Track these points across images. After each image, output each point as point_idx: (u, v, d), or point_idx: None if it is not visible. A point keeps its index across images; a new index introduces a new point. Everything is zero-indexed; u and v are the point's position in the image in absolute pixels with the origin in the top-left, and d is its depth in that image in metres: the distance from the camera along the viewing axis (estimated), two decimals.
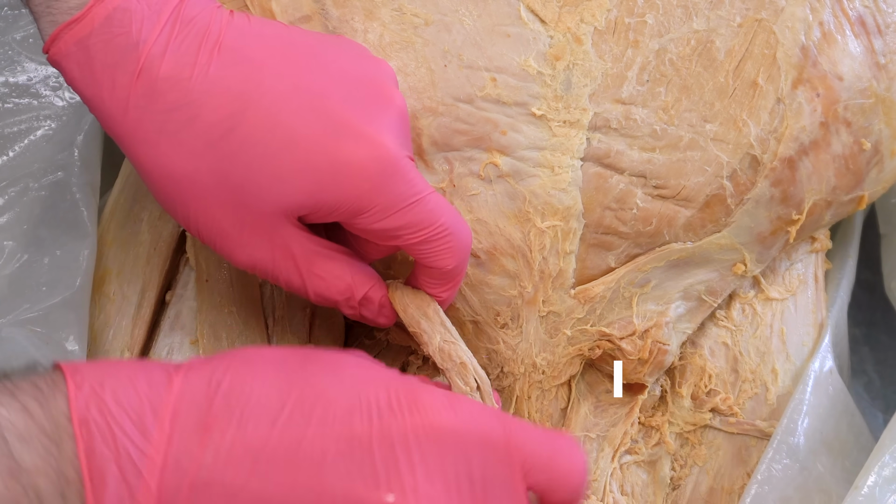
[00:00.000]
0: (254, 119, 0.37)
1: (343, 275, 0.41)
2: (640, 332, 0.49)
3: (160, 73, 0.37)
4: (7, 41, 0.52)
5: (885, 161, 0.52)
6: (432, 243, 0.40)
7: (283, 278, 0.40)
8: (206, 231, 0.39)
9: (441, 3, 0.46)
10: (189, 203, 0.38)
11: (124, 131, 0.38)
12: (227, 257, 0.40)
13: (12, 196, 0.49)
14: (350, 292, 0.41)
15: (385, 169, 0.38)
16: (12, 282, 0.47)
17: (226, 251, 0.40)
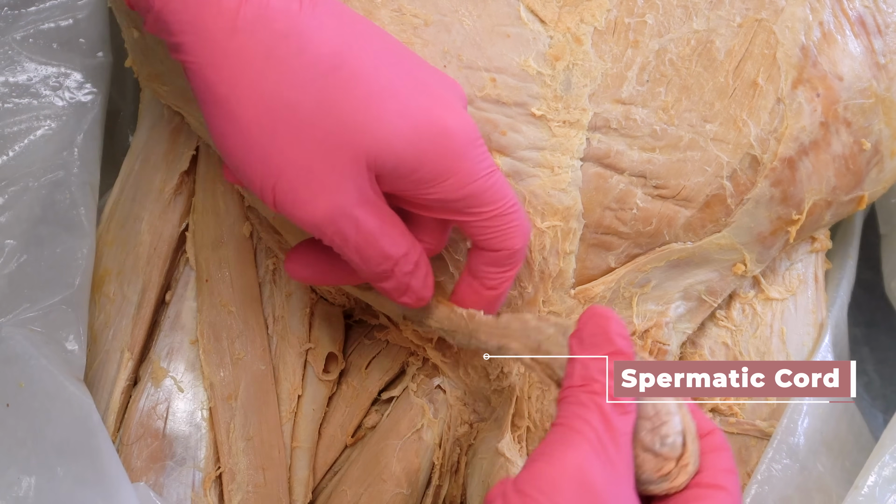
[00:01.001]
0: (359, 61, 0.37)
1: (407, 233, 0.40)
2: (641, 332, 0.49)
3: (270, 0, 0.37)
4: (7, 41, 0.52)
5: (885, 161, 0.52)
6: (503, 219, 0.40)
7: (352, 230, 0.39)
8: (290, 171, 0.37)
9: (441, 3, 0.46)
10: (281, 137, 0.37)
11: (229, 55, 0.36)
12: (302, 206, 0.38)
13: (12, 195, 0.49)
14: (412, 250, 0.40)
15: (472, 139, 0.39)
16: (12, 281, 0.47)
17: (305, 196, 0.38)
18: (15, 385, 0.45)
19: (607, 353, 0.35)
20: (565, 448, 0.32)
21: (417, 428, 0.49)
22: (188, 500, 0.47)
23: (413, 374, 0.51)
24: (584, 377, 0.34)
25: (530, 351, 0.40)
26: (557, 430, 0.33)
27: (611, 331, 0.35)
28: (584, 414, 0.33)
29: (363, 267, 0.40)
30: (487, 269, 0.42)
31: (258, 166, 0.37)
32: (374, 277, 0.41)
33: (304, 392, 0.50)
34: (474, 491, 0.47)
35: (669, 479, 0.35)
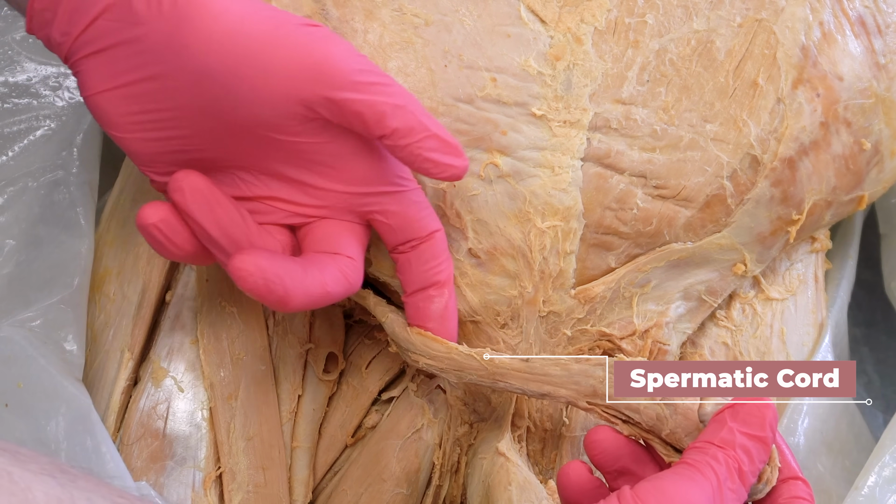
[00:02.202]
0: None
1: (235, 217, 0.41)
2: (641, 332, 0.49)
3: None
4: (7, 41, 0.52)
5: (885, 161, 0.52)
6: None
7: None
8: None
9: (441, 3, 0.46)
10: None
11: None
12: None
13: (11, 195, 0.49)
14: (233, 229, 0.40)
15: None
16: (11, 281, 0.47)
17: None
18: (14, 385, 0.45)
19: (759, 435, 0.36)
20: (689, 482, 0.34)
21: (417, 428, 0.49)
22: (188, 500, 0.47)
23: (413, 374, 0.50)
24: (727, 441, 0.36)
25: (586, 396, 0.41)
26: (684, 467, 0.35)
27: (767, 417, 0.37)
28: (716, 467, 0.35)
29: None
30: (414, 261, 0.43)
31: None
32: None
33: (304, 392, 0.50)
34: (474, 491, 0.47)
35: (767, 483, 0.37)
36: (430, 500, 0.49)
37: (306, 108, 0.38)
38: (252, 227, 0.41)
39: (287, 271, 0.38)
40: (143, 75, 0.38)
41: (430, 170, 0.40)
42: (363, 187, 0.42)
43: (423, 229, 0.43)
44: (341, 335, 0.51)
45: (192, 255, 0.41)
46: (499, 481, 0.45)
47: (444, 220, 0.46)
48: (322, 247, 0.42)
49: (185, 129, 0.39)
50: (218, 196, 0.40)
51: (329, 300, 0.41)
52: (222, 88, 0.38)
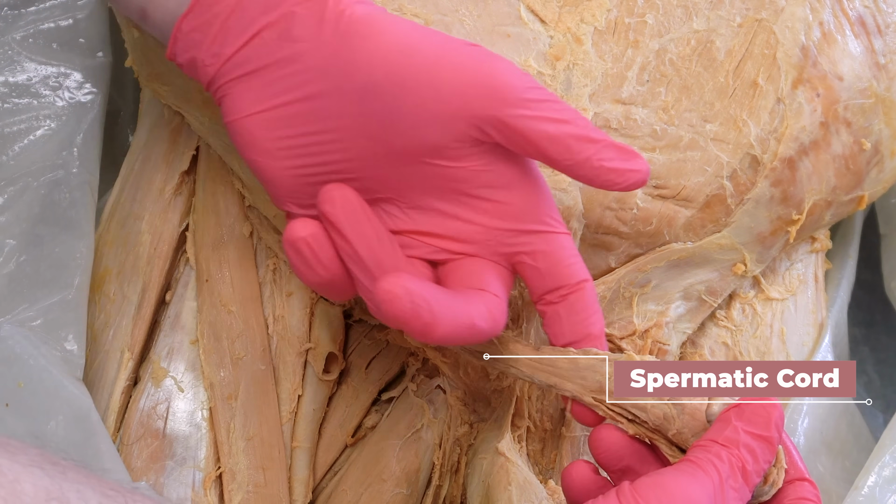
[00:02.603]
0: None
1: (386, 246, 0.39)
2: (641, 332, 0.49)
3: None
4: (7, 41, 0.52)
5: (885, 161, 0.52)
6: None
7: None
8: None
9: (441, 3, 0.46)
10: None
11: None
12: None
13: (11, 195, 0.49)
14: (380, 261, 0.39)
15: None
16: (11, 280, 0.47)
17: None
18: (14, 385, 0.45)
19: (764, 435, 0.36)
20: (690, 478, 0.34)
21: (417, 428, 0.49)
22: (188, 500, 0.47)
23: (413, 375, 0.50)
24: (731, 440, 0.36)
25: (592, 392, 0.40)
26: (686, 464, 0.35)
27: (773, 417, 0.36)
28: (718, 465, 0.35)
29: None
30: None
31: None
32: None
33: (304, 392, 0.50)
34: (474, 491, 0.47)
35: (773, 485, 0.37)
36: (430, 500, 0.49)
37: (476, 127, 0.37)
38: (399, 252, 0.39)
39: (436, 298, 0.36)
40: (301, 95, 0.37)
41: (614, 179, 0.38)
42: (515, 224, 0.40)
43: (573, 276, 0.40)
44: (341, 335, 0.51)
45: (336, 279, 0.39)
46: (499, 481, 0.45)
47: None
48: (468, 283, 0.40)
49: (338, 154, 0.38)
50: (369, 213, 0.38)
51: (474, 335, 0.38)
52: (388, 106, 0.36)
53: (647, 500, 0.33)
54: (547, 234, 0.40)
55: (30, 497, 0.27)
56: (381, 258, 0.38)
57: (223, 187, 0.52)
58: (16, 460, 0.28)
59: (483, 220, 0.40)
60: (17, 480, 0.27)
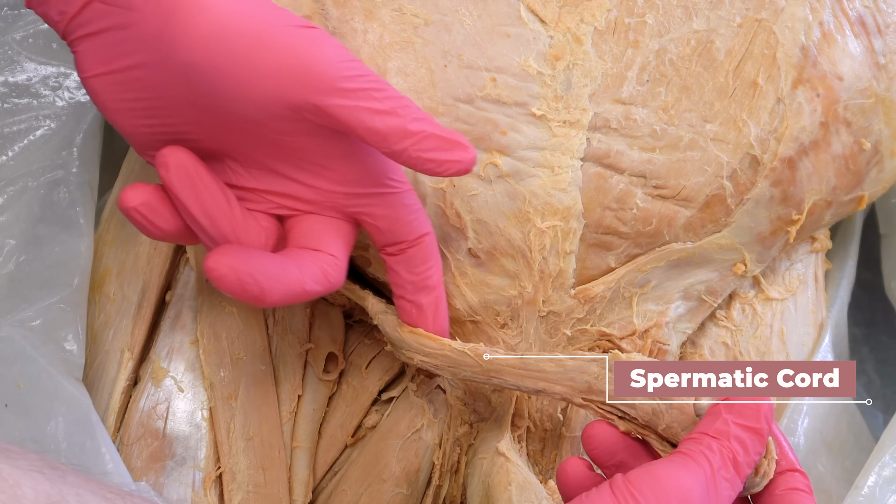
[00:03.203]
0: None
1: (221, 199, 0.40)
2: (640, 332, 0.49)
3: None
4: (7, 41, 0.52)
5: (885, 161, 0.52)
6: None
7: None
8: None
9: (441, 3, 0.46)
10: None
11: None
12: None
13: (11, 195, 0.49)
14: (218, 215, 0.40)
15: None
16: (10, 281, 0.47)
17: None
18: (14, 385, 0.45)
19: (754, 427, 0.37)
20: (682, 468, 0.35)
21: (417, 428, 0.49)
22: (188, 500, 0.47)
23: (413, 375, 0.50)
24: (721, 432, 0.36)
25: (581, 393, 0.41)
26: (679, 456, 0.35)
27: (763, 409, 0.37)
28: (710, 456, 0.35)
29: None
30: (403, 267, 0.43)
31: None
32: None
33: (304, 392, 0.50)
34: (474, 491, 0.47)
35: (764, 476, 0.37)
36: (430, 500, 0.49)
37: (293, 112, 0.38)
38: (237, 211, 0.40)
39: (262, 270, 0.38)
40: (133, 62, 0.38)
41: (434, 169, 0.40)
42: (352, 188, 0.42)
43: (411, 232, 0.43)
44: (341, 335, 0.51)
45: (176, 236, 0.41)
46: (499, 481, 0.45)
47: (443, 220, 0.46)
48: (306, 242, 0.42)
49: (174, 118, 0.39)
50: (204, 175, 0.39)
51: (307, 297, 0.40)
52: (207, 84, 0.37)
53: (641, 490, 0.34)
54: (386, 195, 0.42)
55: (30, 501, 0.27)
56: (218, 220, 0.39)
57: None
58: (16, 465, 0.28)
59: (321, 183, 0.41)
60: (18, 485, 0.28)
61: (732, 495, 0.36)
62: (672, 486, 0.34)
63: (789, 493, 0.37)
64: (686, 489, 0.34)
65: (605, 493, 0.34)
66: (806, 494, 0.37)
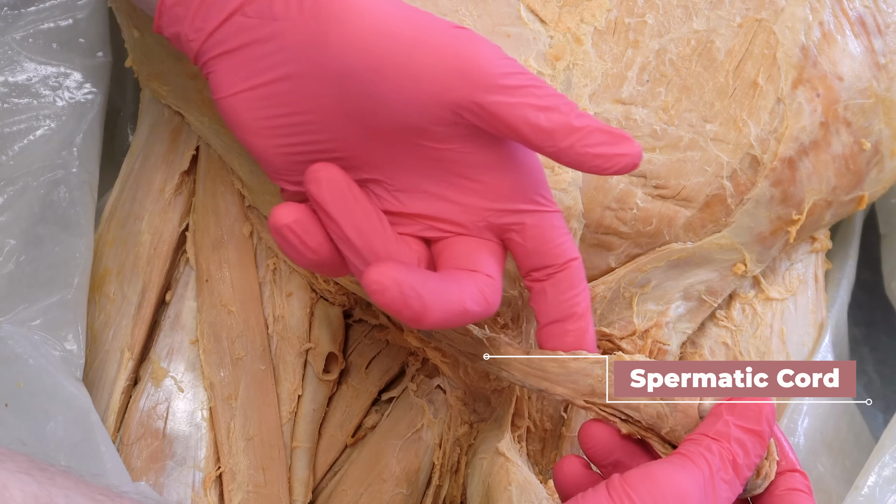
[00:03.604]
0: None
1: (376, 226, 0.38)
2: (641, 332, 0.49)
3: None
4: (7, 41, 0.51)
5: (885, 161, 0.52)
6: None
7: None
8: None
9: (441, 3, 0.46)
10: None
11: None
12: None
13: (11, 195, 0.49)
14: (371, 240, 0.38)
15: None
16: (10, 280, 0.47)
17: None
18: (14, 385, 0.45)
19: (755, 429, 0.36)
20: (680, 469, 0.34)
21: (417, 428, 0.49)
22: (188, 500, 0.47)
23: (413, 375, 0.50)
24: (722, 434, 0.36)
25: (583, 395, 0.40)
26: (677, 457, 0.35)
27: (764, 411, 0.36)
28: (709, 458, 0.35)
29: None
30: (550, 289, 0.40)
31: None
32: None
33: (304, 392, 0.50)
34: (474, 491, 0.47)
35: (765, 477, 0.37)
36: (430, 500, 0.49)
37: (454, 112, 0.36)
38: (389, 231, 0.38)
39: (425, 285, 0.35)
40: (279, 75, 0.36)
41: (601, 165, 0.37)
42: (503, 203, 0.39)
43: (560, 255, 0.40)
44: (341, 335, 0.51)
45: (327, 262, 0.38)
46: (499, 481, 0.45)
47: None
48: (459, 263, 0.39)
49: (322, 134, 0.38)
50: (356, 192, 0.37)
51: (467, 319, 0.38)
52: (366, 90, 0.36)
53: (637, 491, 0.33)
54: (535, 213, 0.40)
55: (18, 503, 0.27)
56: (371, 239, 0.37)
57: (223, 187, 0.52)
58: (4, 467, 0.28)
59: (471, 200, 0.40)
60: (6, 487, 0.27)
61: (731, 497, 0.35)
62: (669, 487, 0.33)
63: (789, 493, 0.37)
64: (683, 491, 0.33)
65: (602, 494, 0.34)
66: (806, 495, 0.37)
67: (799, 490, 0.37)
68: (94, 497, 0.30)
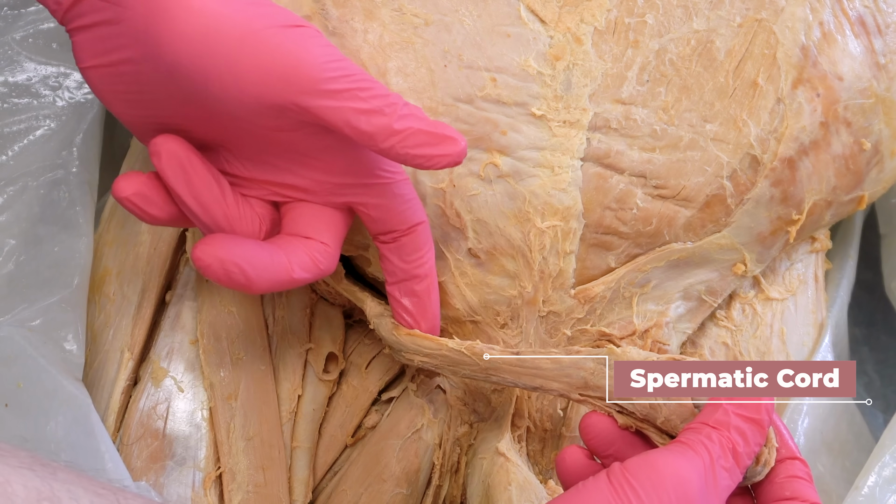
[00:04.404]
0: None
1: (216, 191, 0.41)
2: (641, 332, 0.49)
3: None
4: (7, 41, 0.52)
5: (885, 161, 0.52)
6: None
7: None
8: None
9: (441, 3, 0.46)
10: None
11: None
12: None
13: (11, 195, 0.49)
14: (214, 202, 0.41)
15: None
16: (10, 280, 0.47)
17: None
18: (14, 385, 0.45)
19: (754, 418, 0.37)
20: (680, 457, 0.35)
21: (417, 428, 0.49)
22: (188, 500, 0.47)
23: (413, 375, 0.50)
24: (721, 422, 0.36)
25: (577, 389, 0.41)
26: (677, 445, 0.35)
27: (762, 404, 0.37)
28: (709, 445, 0.35)
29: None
30: (395, 255, 0.44)
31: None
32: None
33: (304, 392, 0.50)
34: (474, 491, 0.47)
35: (765, 465, 0.37)
36: (430, 500, 0.49)
37: (279, 112, 0.38)
38: (230, 199, 0.41)
39: (249, 259, 0.39)
40: (123, 57, 0.38)
41: (423, 164, 0.40)
42: (343, 178, 0.42)
43: (404, 221, 0.43)
44: (341, 335, 0.51)
45: (172, 222, 0.42)
46: (499, 481, 0.45)
47: (443, 220, 0.46)
48: (297, 229, 0.42)
49: (165, 111, 0.40)
50: (195, 163, 0.40)
51: (295, 285, 0.41)
52: (195, 86, 0.38)
53: (638, 479, 0.34)
54: (377, 185, 0.42)
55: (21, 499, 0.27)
56: (211, 208, 0.40)
57: None
58: (6, 462, 0.28)
59: (312, 174, 0.42)
60: (8, 482, 0.28)
61: (731, 485, 0.36)
62: (669, 474, 0.34)
63: (789, 480, 0.37)
64: (683, 478, 0.34)
65: (602, 482, 0.34)
66: (806, 482, 0.37)
67: (799, 477, 0.37)
68: (96, 491, 0.30)
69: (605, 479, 0.34)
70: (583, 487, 0.34)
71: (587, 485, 0.34)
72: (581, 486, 0.34)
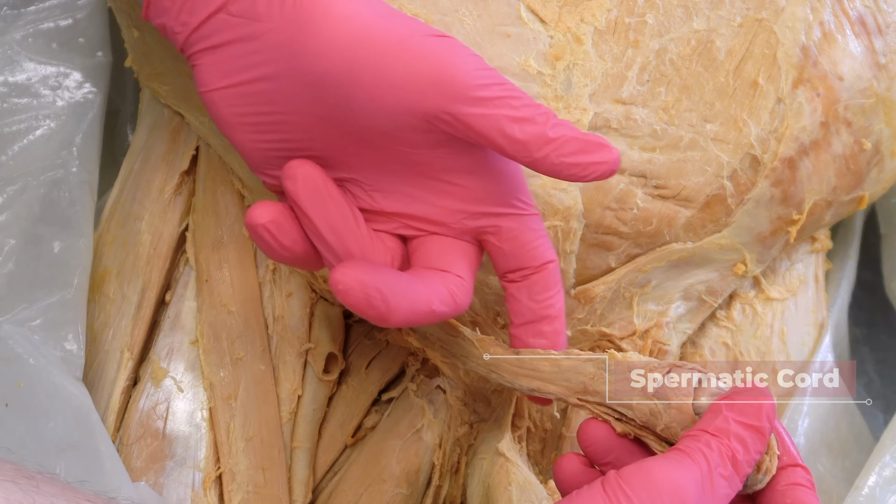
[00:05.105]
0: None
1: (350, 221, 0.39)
2: (641, 332, 0.49)
3: None
4: (7, 41, 0.52)
5: (886, 161, 0.52)
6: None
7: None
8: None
9: (441, 2, 0.46)
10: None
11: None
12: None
13: (11, 195, 0.49)
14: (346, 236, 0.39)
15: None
16: (10, 280, 0.47)
17: None
18: (14, 385, 0.45)
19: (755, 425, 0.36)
20: (677, 465, 0.34)
21: (417, 428, 0.49)
22: (188, 500, 0.47)
23: (413, 375, 0.50)
24: (721, 430, 0.36)
25: (576, 393, 0.40)
26: (675, 453, 0.35)
27: (764, 407, 0.36)
28: (707, 454, 0.35)
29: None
30: (522, 291, 0.41)
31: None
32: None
33: (304, 392, 0.50)
34: (474, 491, 0.47)
35: (766, 472, 0.36)
36: (430, 500, 0.49)
37: (427, 121, 0.37)
38: (363, 229, 0.39)
39: (390, 286, 0.36)
40: (259, 74, 0.37)
41: (578, 174, 0.37)
42: (479, 206, 0.40)
43: (536, 258, 0.41)
44: (341, 335, 0.51)
45: (301, 258, 0.39)
46: (499, 481, 0.45)
47: None
48: (431, 262, 0.40)
49: (298, 133, 0.38)
50: (332, 190, 0.38)
51: (434, 319, 0.39)
52: (341, 96, 0.36)
53: (633, 488, 0.33)
54: (512, 216, 0.40)
55: None
56: (345, 236, 0.38)
57: (223, 187, 0.52)
58: None
59: (446, 202, 0.40)
60: None
61: (731, 494, 0.35)
62: (665, 483, 0.33)
63: (791, 488, 0.36)
64: (680, 487, 0.33)
65: (596, 491, 0.34)
66: (808, 490, 0.36)
67: (801, 485, 0.36)
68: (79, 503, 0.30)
69: (599, 487, 0.34)
70: (577, 496, 0.34)
71: (581, 494, 0.34)
72: (575, 494, 0.34)
